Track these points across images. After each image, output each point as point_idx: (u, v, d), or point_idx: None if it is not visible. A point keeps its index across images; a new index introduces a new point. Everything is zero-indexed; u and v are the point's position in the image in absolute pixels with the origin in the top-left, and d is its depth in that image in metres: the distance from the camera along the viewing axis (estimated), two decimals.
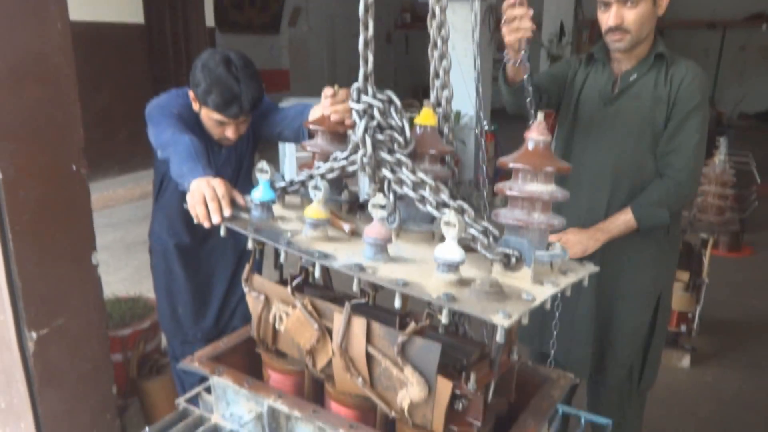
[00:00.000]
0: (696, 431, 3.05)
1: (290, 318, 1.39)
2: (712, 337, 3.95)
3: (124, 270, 4.89)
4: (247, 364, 1.56)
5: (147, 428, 1.50)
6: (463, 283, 1.14)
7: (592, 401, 2.34)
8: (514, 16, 1.70)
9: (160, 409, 2.76)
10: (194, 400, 1.63)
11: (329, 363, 1.36)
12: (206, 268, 2.37)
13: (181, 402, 1.58)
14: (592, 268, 1.27)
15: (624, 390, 2.23)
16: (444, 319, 1.11)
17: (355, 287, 1.25)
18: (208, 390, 1.54)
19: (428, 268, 1.21)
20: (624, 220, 1.98)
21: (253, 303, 1.51)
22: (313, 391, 1.47)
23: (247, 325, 1.57)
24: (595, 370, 2.19)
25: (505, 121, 8.12)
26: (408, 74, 15.34)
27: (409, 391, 1.20)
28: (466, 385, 1.18)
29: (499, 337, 1.05)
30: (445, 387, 1.18)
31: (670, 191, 1.96)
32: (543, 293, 1.12)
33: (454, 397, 1.19)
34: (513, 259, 1.17)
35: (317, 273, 1.26)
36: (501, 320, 1.02)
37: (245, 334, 1.61)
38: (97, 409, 2.51)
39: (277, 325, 1.44)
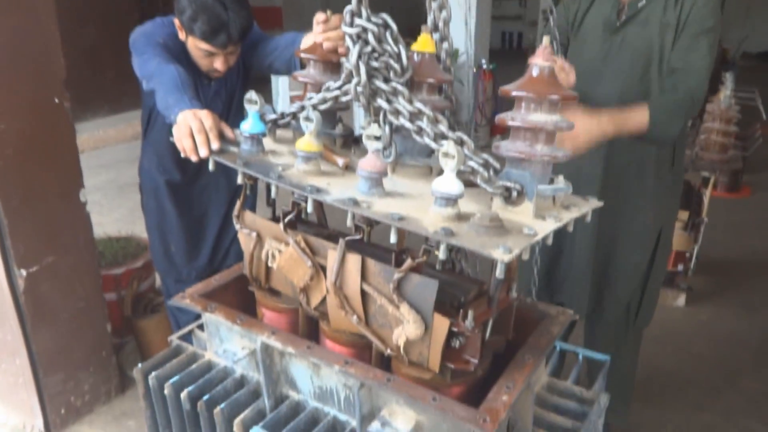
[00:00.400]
0: (690, 368, 3.08)
1: (283, 255, 1.35)
2: (708, 277, 3.96)
3: (117, 211, 4.84)
4: (241, 302, 1.52)
5: (140, 364, 1.48)
6: (462, 217, 1.09)
7: (588, 338, 2.34)
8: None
9: (156, 347, 2.77)
10: (188, 338, 1.61)
11: (323, 301, 1.32)
12: (199, 206, 2.31)
13: (174, 339, 1.56)
14: (595, 203, 1.23)
15: (621, 328, 2.22)
16: (441, 254, 1.07)
17: (349, 222, 1.20)
18: (202, 327, 1.52)
19: (425, 202, 1.16)
20: (638, 118, 1.78)
21: (245, 240, 1.46)
22: (308, 329, 1.44)
23: (240, 262, 1.53)
24: (593, 307, 2.18)
25: (504, 61, 7.96)
26: (405, 14, 14.89)
27: (404, 328, 1.17)
28: (464, 323, 1.14)
29: (499, 272, 1.00)
30: (441, 324, 1.14)
31: (684, 102, 1.82)
32: (545, 228, 1.08)
33: (450, 335, 1.16)
34: (514, 193, 1.12)
35: (309, 208, 1.20)
36: (501, 255, 0.98)
37: (238, 271, 1.58)
38: (91, 346, 2.52)
39: (269, 263, 1.40)
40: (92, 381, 2.56)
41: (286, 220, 1.35)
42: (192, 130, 1.35)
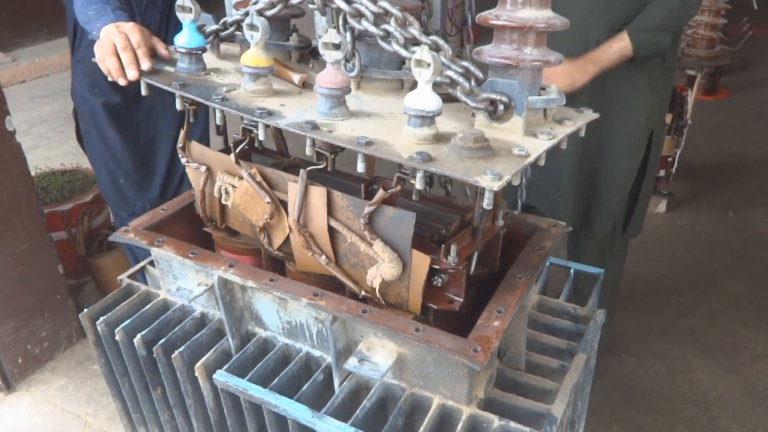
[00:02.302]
0: (672, 274, 3.06)
1: (237, 191, 1.20)
2: (688, 182, 3.90)
3: (66, 143, 4.55)
4: (194, 233, 1.37)
5: (86, 309, 1.35)
6: (441, 138, 0.95)
7: (573, 252, 2.25)
8: None
9: (117, 286, 2.63)
10: (142, 276, 1.48)
11: (287, 240, 1.19)
12: (146, 131, 2.10)
13: (125, 278, 1.44)
14: (590, 114, 1.09)
15: (608, 239, 2.13)
16: (418, 184, 0.93)
17: (308, 150, 1.04)
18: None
19: (397, 123, 1.00)
20: (618, 47, 1.72)
21: (194, 175, 1.30)
22: (273, 271, 1.31)
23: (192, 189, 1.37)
24: (581, 222, 2.07)
25: None
26: None
27: (380, 268, 1.04)
28: (446, 259, 1.02)
29: (487, 202, 0.87)
30: (421, 262, 1.02)
31: (675, 11, 1.71)
32: (537, 147, 0.94)
33: (432, 273, 1.04)
34: (500, 107, 0.97)
35: (261, 135, 1.04)
36: (489, 182, 0.84)
37: (189, 199, 1.42)
38: (43, 290, 2.37)
39: (223, 201, 1.25)
40: (49, 327, 2.42)
41: (238, 150, 1.19)
42: (116, 47, 1.15)
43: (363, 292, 1.11)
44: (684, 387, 2.38)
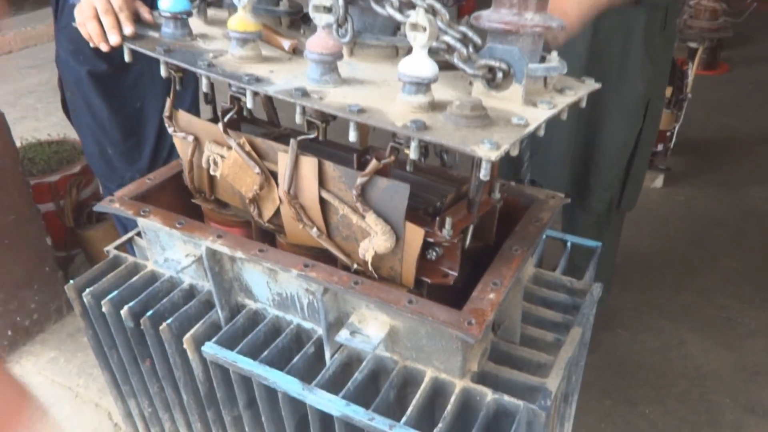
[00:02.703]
0: (668, 250, 3.06)
1: (226, 162, 1.17)
2: (686, 157, 3.89)
3: (54, 115, 4.48)
4: (182, 203, 1.34)
5: (71, 281, 1.33)
6: (437, 107, 0.92)
7: (568, 225, 2.24)
8: None
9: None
10: (130, 248, 1.46)
11: (278, 212, 1.16)
12: (133, 100, 2.06)
13: (111, 249, 1.41)
14: (592, 84, 1.06)
15: (603, 212, 2.12)
16: (413, 153, 0.90)
17: (298, 119, 1.01)
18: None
19: (391, 90, 0.98)
20: None
21: (181, 146, 1.27)
22: (263, 243, 1.29)
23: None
24: (578, 195, 2.05)
25: None
26: None
27: (372, 241, 1.02)
28: (441, 232, 1.00)
29: (484, 173, 0.85)
30: (415, 235, 1.00)
31: None
32: (537, 116, 0.91)
33: (426, 246, 1.03)
34: (499, 74, 0.94)
35: (249, 103, 1.01)
36: (487, 152, 0.81)
37: (177, 168, 1.39)
38: (31, 262, 2.34)
39: (212, 171, 1.22)
40: (38, 299, 2.40)
41: (226, 119, 1.16)
42: (97, 11, 1.11)
43: (355, 266, 1.10)
44: (677, 362, 2.39)
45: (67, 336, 2.48)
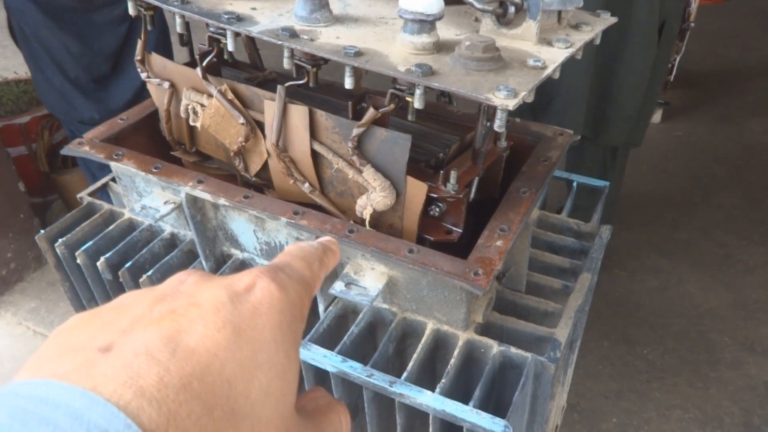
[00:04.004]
0: (666, 186, 3.02)
1: (207, 111, 1.08)
2: (684, 90, 3.80)
3: None
4: (159, 146, 1.26)
5: (42, 231, 1.25)
6: (443, 48, 0.83)
7: (574, 163, 2.16)
8: None
9: None
10: (105, 194, 1.37)
11: (265, 166, 1.08)
12: (90, 33, 1.90)
13: (85, 196, 1.33)
14: (609, 18, 0.98)
15: (609, 149, 2.04)
16: (417, 103, 0.82)
17: (285, 63, 0.91)
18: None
19: (390, 29, 0.89)
20: None
21: (156, 93, 1.17)
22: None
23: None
24: (592, 130, 1.96)
25: None
26: None
27: (370, 198, 0.94)
28: (445, 186, 0.92)
29: (500, 123, 0.76)
30: (417, 190, 0.92)
31: None
32: (554, 57, 0.83)
33: (428, 202, 0.95)
34: (511, 9, 0.85)
35: (230, 45, 0.92)
36: (503, 100, 0.73)
37: (152, 107, 1.29)
38: (4, 209, 2.25)
39: (191, 122, 1.12)
40: (14, 247, 2.32)
41: (205, 63, 1.05)
42: None
43: (351, 223, 1.02)
44: (675, 300, 2.37)
45: (47, 285, 2.41)
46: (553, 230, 1.27)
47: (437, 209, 0.97)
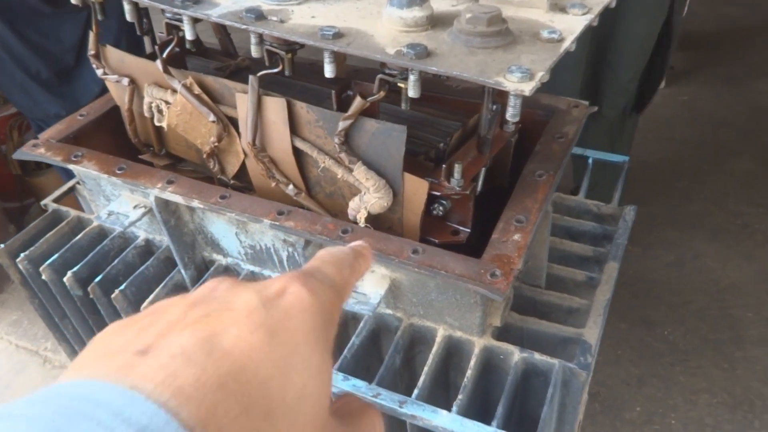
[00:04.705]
0: (674, 155, 2.89)
1: (172, 109, 0.95)
2: (687, 53, 3.65)
3: None
4: (126, 143, 1.12)
5: (1, 245, 1.13)
6: (438, 22, 0.70)
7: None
8: None
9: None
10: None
11: (244, 167, 0.95)
12: (49, 24, 1.77)
13: (49, 203, 1.21)
14: None
15: (617, 118, 1.91)
16: (411, 90, 0.70)
17: (254, 51, 0.79)
18: None
19: (375, 4, 0.78)
20: None
21: (116, 90, 1.05)
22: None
23: None
24: (590, 99, 1.83)
25: None
26: None
27: (363, 199, 0.82)
28: (449, 182, 0.80)
29: (513, 112, 0.65)
30: (417, 189, 0.80)
31: None
32: (572, 26, 0.71)
33: (430, 200, 0.82)
34: None
35: (189, 33, 0.79)
36: (518, 84, 0.61)
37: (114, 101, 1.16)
38: None
39: (156, 121, 1.00)
40: None
41: (165, 54, 0.92)
42: None
43: (345, 222, 0.89)
44: (693, 276, 2.26)
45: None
46: (570, 214, 1.15)
47: (441, 208, 0.85)
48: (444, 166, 0.81)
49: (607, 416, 1.81)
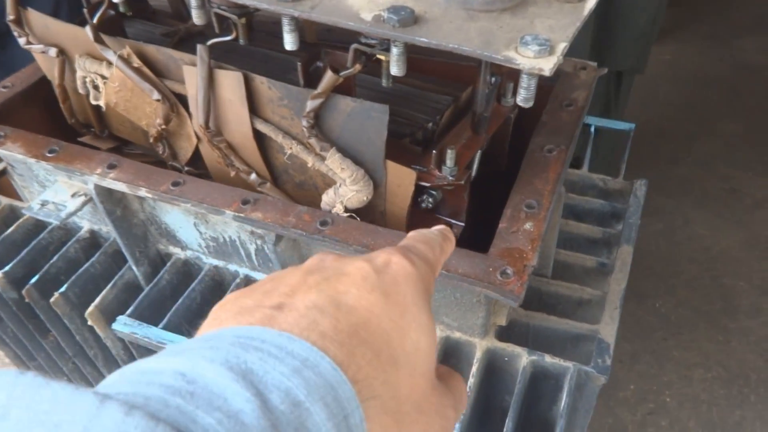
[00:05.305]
0: (658, 117, 2.79)
1: (110, 85, 0.80)
2: (669, 10, 3.52)
3: None
4: (62, 119, 0.96)
5: None
6: None
7: None
8: None
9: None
10: None
11: (200, 152, 0.81)
12: None
13: None
14: None
15: (612, 80, 1.80)
16: (395, 67, 0.57)
17: (196, 17, 0.65)
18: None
19: None
20: None
21: (44, 63, 0.89)
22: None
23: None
24: (599, 55, 1.71)
25: None
26: None
27: (339, 192, 0.68)
28: (440, 171, 0.67)
29: (527, 95, 0.52)
30: (403, 179, 0.67)
31: None
32: None
33: (418, 191, 0.70)
34: None
35: None
36: (534, 59, 0.49)
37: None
38: None
39: (92, 99, 0.84)
40: None
41: (96, 18, 0.77)
42: None
43: (324, 212, 0.76)
44: (684, 245, 2.18)
45: None
46: (573, 190, 1.03)
47: (430, 200, 0.72)
48: (434, 151, 0.68)
49: (599, 396, 1.73)
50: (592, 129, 1.12)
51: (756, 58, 3.16)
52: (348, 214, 0.70)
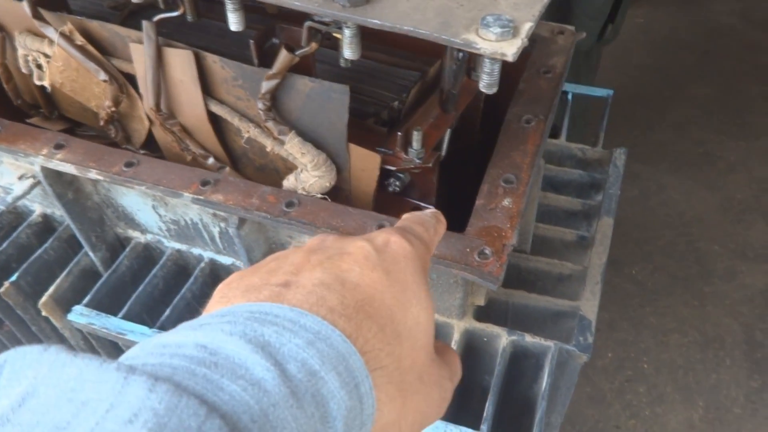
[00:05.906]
0: (632, 82, 2.77)
1: (53, 64, 0.74)
2: None
3: None
4: (7, 97, 0.90)
5: None
6: None
7: None
8: None
9: None
10: None
11: (152, 135, 0.76)
12: None
13: None
14: None
15: (583, 47, 1.76)
16: (348, 50, 0.53)
17: None
18: None
19: None
20: None
21: None
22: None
23: None
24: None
25: None
26: None
27: (300, 178, 0.64)
28: (406, 154, 0.63)
29: (490, 81, 0.49)
30: (367, 163, 0.64)
31: None
32: None
33: (384, 174, 0.66)
34: None
35: None
36: (496, 43, 0.46)
37: None
38: None
39: (36, 79, 0.78)
40: None
41: None
42: None
43: (290, 192, 0.72)
44: (658, 210, 2.18)
45: None
46: (551, 161, 1.00)
47: (397, 183, 0.68)
48: (399, 133, 0.64)
49: None
50: (570, 96, 1.09)
51: (729, 20, 3.15)
52: None
